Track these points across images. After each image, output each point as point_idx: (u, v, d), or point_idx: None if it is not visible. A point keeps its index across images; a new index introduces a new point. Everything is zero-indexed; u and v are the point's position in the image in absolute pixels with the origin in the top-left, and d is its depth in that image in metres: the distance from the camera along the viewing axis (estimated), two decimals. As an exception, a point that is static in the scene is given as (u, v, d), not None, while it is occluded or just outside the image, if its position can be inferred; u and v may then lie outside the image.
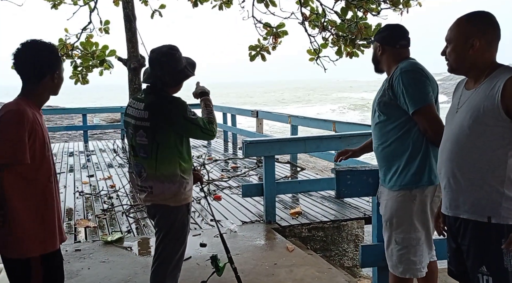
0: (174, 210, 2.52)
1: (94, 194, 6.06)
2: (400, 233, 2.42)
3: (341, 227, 4.72)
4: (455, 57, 1.90)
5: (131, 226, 4.68)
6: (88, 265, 3.69)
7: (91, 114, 14.13)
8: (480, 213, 1.80)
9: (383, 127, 2.45)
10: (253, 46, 8.17)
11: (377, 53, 2.53)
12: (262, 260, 3.76)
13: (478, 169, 1.81)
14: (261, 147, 4.53)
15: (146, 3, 9.37)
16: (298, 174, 7.10)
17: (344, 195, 2.87)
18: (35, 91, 2.02)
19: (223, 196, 5.76)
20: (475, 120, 1.80)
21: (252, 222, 4.74)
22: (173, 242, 2.57)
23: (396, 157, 2.42)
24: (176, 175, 2.47)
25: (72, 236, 4.40)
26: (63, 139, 12.69)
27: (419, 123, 2.32)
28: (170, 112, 2.42)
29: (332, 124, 6.29)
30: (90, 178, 7.07)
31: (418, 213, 2.39)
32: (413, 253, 2.41)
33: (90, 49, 8.92)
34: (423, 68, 2.39)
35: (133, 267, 3.66)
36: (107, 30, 9.21)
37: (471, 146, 1.82)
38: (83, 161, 8.65)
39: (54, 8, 9.23)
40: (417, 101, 2.28)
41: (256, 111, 9.02)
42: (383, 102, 2.42)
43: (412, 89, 2.29)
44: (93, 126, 12.56)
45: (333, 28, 7.50)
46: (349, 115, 38.77)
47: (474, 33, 1.84)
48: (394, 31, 2.50)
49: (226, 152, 9.78)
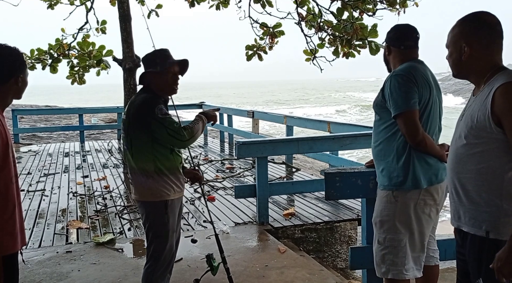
0: (150, 205, 2.60)
1: (88, 194, 6.04)
2: (383, 233, 2.44)
3: (334, 228, 4.70)
4: (451, 64, 1.86)
5: (123, 227, 4.67)
6: (79, 267, 3.67)
7: (89, 115, 14.14)
8: (478, 226, 1.74)
9: (377, 127, 2.50)
10: (250, 46, 8.17)
11: (386, 53, 2.58)
12: (253, 262, 3.75)
13: (475, 181, 1.74)
14: (254, 148, 4.51)
15: (143, 3, 9.37)
16: (294, 174, 7.08)
17: (333, 197, 2.86)
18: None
19: (217, 197, 5.74)
20: (469, 131, 1.74)
21: (245, 223, 4.73)
22: (155, 240, 2.62)
23: (383, 157, 2.45)
24: (150, 170, 2.55)
25: (64, 238, 4.39)
26: (60, 140, 12.67)
27: (400, 127, 2.34)
28: (138, 108, 2.55)
29: (327, 125, 6.27)
30: (85, 178, 7.05)
31: (400, 214, 2.39)
32: (395, 254, 2.41)
33: (86, 49, 8.91)
34: (418, 72, 2.36)
35: (124, 269, 3.64)
36: (104, 30, 9.19)
37: (468, 156, 1.76)
38: (78, 161, 8.63)
39: (50, 8, 9.22)
40: (399, 106, 2.30)
41: (252, 111, 9.02)
42: (377, 103, 2.47)
43: (396, 93, 2.31)
44: (90, 126, 12.55)
45: (330, 28, 7.50)
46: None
47: (464, 38, 1.76)
48: (400, 31, 2.50)
49: (222, 152, 9.76)
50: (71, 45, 8.85)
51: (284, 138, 5.79)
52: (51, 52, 8.78)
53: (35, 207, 5.47)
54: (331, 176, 2.79)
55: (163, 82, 2.62)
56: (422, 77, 2.37)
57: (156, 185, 2.57)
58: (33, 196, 5.99)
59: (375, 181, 2.67)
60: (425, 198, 2.38)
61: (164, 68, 2.59)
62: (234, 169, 7.54)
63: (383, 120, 2.44)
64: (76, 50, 8.99)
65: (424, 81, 2.37)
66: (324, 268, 3.81)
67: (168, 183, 2.60)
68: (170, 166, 2.59)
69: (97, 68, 8.89)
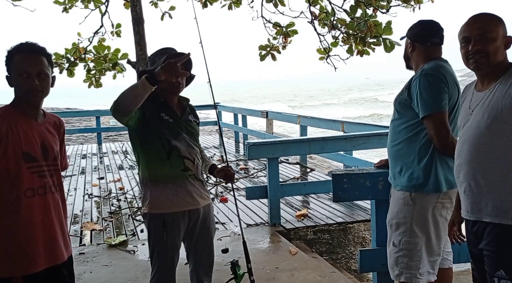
0: (146, 216, 2.38)
1: (103, 196, 6.11)
2: (398, 235, 2.38)
3: (348, 229, 4.64)
4: (492, 56, 1.95)
5: (136, 229, 4.70)
6: (91, 268, 3.71)
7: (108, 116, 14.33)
8: (503, 215, 1.76)
9: (397, 126, 2.42)
10: (263, 46, 8.15)
11: (408, 50, 2.47)
12: (264, 264, 3.72)
13: (499, 170, 1.77)
14: (265, 149, 4.48)
15: (156, 5, 9.45)
16: (308, 175, 7.02)
17: (341, 199, 2.81)
18: (18, 100, 1.90)
19: (229, 198, 5.73)
20: (494, 120, 1.78)
21: (257, 225, 4.70)
22: (151, 252, 2.37)
23: (402, 157, 2.38)
24: (145, 178, 2.33)
25: (78, 239, 4.45)
26: (79, 142, 12.88)
27: (428, 129, 2.26)
28: None
29: (340, 125, 6.20)
30: (100, 180, 7.14)
31: (417, 217, 2.33)
32: (409, 257, 2.35)
33: (102, 52, 9.03)
34: (447, 72, 2.30)
35: (135, 270, 3.66)
36: (118, 33, 9.29)
37: (492, 146, 1.79)
38: (95, 163, 8.75)
39: (65, 12, 9.38)
40: (429, 107, 2.22)
41: (266, 111, 8.99)
42: (399, 101, 2.39)
43: (426, 93, 2.23)
44: (107, 128, 12.71)
45: (343, 26, 7.42)
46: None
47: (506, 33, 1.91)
48: (426, 27, 2.41)
49: (237, 152, 9.76)
50: (87, 49, 8.99)
51: (294, 139, 5.74)
52: (68, 56, 8.94)
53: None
54: (338, 177, 2.75)
55: (166, 85, 2.29)
56: (451, 77, 2.31)
57: (146, 195, 2.32)
58: (50, 198, 6.09)
59: (384, 182, 2.61)
60: (443, 201, 2.31)
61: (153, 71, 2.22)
62: (248, 170, 7.52)
63: (405, 119, 2.36)
64: (92, 53, 9.13)
65: (452, 81, 2.31)
66: (336, 270, 3.76)
67: (165, 194, 2.29)
68: (166, 173, 2.29)
69: (113, 71, 9.01)
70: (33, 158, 1.87)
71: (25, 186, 1.84)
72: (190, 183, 2.36)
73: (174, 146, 2.31)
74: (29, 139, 1.86)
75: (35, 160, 1.87)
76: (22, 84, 1.86)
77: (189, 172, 2.36)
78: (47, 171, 1.90)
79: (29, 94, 1.87)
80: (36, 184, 1.87)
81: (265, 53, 8.23)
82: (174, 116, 2.35)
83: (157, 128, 2.28)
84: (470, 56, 1.86)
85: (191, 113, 2.49)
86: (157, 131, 2.28)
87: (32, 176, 1.86)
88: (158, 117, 2.29)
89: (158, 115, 2.29)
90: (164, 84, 2.21)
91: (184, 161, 2.34)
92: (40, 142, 1.90)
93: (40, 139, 1.90)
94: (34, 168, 1.87)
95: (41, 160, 1.89)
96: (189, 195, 2.35)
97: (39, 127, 1.93)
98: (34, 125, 1.91)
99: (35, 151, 1.87)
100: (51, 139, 1.97)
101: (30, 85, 1.85)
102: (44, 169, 1.89)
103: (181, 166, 2.33)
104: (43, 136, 1.92)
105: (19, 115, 1.88)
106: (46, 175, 1.90)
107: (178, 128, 2.35)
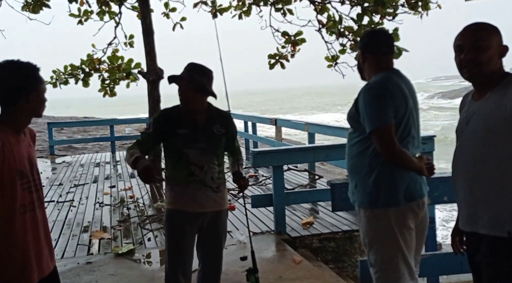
0: (164, 211, 2.74)
1: (113, 205, 6.21)
2: (373, 254, 2.30)
3: (354, 237, 4.62)
4: (486, 66, 1.92)
5: (143, 238, 4.76)
6: (97, 278, 3.77)
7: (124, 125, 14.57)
8: (499, 227, 1.71)
9: (350, 141, 2.37)
10: (272, 54, 8.22)
11: (360, 61, 2.42)
12: (267, 273, 3.73)
13: (495, 181, 1.73)
14: (269, 157, 4.52)
15: (168, 17, 9.62)
16: (316, 182, 7.02)
17: (340, 208, 2.83)
18: (11, 116, 1.87)
19: (237, 206, 5.76)
20: (488, 131, 1.74)
21: (262, 233, 4.72)
22: (166, 246, 2.64)
23: (356, 171, 2.32)
24: (166, 178, 2.68)
25: (86, 248, 4.53)
26: (94, 150, 13.10)
27: (375, 143, 2.20)
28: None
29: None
30: (112, 188, 7.25)
31: (385, 233, 2.25)
32: (387, 276, 2.27)
33: (116, 63, 9.23)
34: (393, 84, 2.23)
35: (139, 280, 3.71)
36: (131, 44, 9.51)
37: (487, 157, 1.75)
38: (108, 172, 8.89)
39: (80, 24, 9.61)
40: (373, 122, 2.16)
41: (275, 119, 9.03)
42: (350, 115, 2.34)
43: (371, 108, 2.18)
44: (120, 137, 12.90)
45: (350, 34, 7.45)
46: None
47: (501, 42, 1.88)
48: (374, 37, 2.38)
49: (247, 160, 9.79)
50: (101, 59, 9.20)
51: (299, 147, 5.75)
52: (83, 67, 9.16)
53: (63, 217, 5.67)
54: (337, 186, 2.77)
55: (182, 100, 2.58)
56: (398, 88, 2.23)
57: (166, 192, 2.69)
58: (62, 207, 6.22)
59: None
60: (405, 213, 2.23)
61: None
62: (257, 177, 7.55)
63: (357, 133, 2.30)
64: (107, 64, 9.33)
65: (399, 93, 2.23)
66: (340, 279, 3.75)
67: (170, 192, 2.61)
68: (175, 175, 2.57)
69: (126, 80, 9.19)
70: (24, 174, 1.86)
71: (19, 203, 1.83)
72: (196, 187, 2.53)
73: (184, 153, 2.53)
74: (20, 155, 1.85)
75: (25, 176, 1.87)
76: (43, 108, 1.97)
77: (194, 177, 2.53)
78: (33, 186, 1.90)
79: (39, 115, 1.96)
80: (27, 200, 1.87)
81: (274, 62, 8.31)
82: (191, 127, 2.55)
83: (173, 142, 2.56)
84: (464, 66, 1.82)
85: (218, 123, 2.61)
86: (173, 143, 2.56)
87: (24, 192, 1.85)
88: (174, 133, 2.54)
89: (174, 131, 2.54)
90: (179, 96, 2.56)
91: (191, 166, 2.52)
92: (27, 157, 1.91)
93: (27, 155, 1.91)
94: (25, 184, 1.87)
95: (30, 175, 1.89)
96: (192, 198, 2.53)
97: (24, 143, 1.93)
98: (21, 141, 1.91)
99: (25, 167, 1.87)
100: (33, 153, 1.99)
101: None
102: (31, 185, 1.90)
103: (187, 171, 2.53)
104: (28, 151, 1.93)
105: (10, 132, 1.87)
106: (33, 190, 1.90)
107: (192, 139, 2.53)
